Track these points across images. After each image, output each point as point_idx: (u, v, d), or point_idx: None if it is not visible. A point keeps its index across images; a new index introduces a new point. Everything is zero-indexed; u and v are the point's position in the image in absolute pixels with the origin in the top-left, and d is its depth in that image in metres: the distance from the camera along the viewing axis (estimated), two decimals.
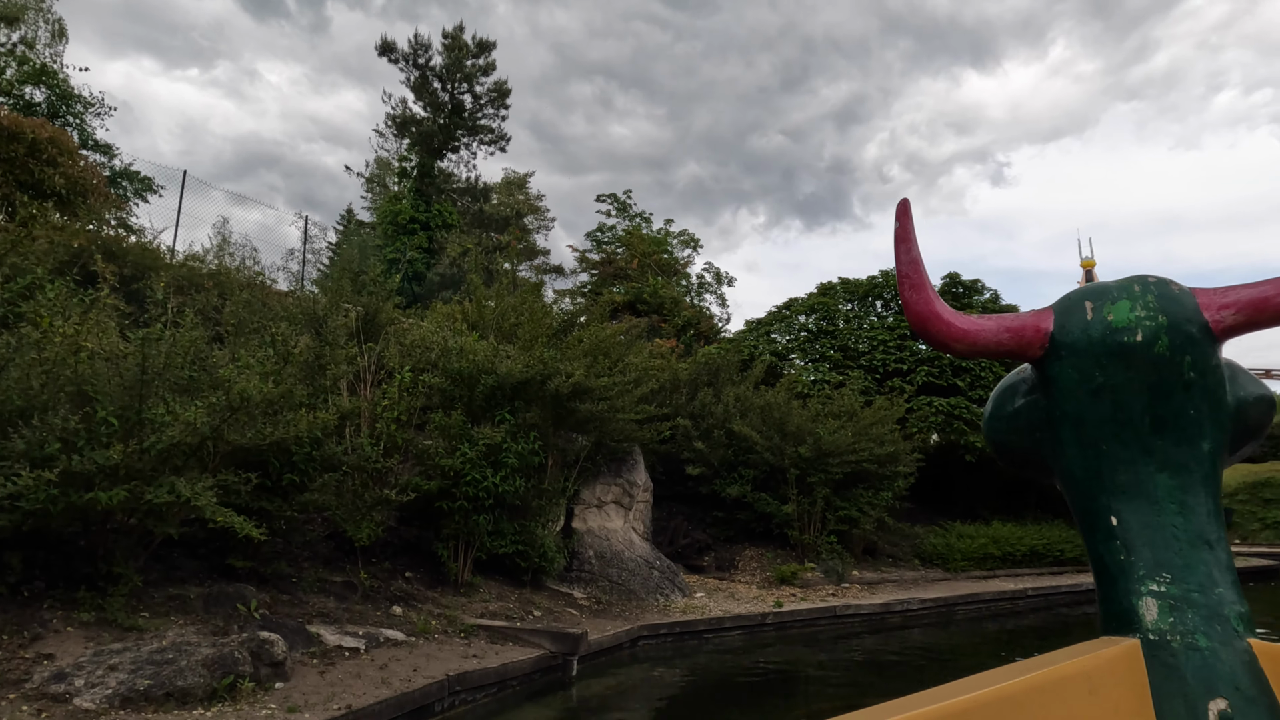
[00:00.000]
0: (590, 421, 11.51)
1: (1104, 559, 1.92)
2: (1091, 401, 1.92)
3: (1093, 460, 1.95)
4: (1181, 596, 1.78)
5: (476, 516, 10.26)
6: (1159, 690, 1.68)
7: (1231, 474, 44.59)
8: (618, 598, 12.24)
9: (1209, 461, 1.90)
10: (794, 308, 23.43)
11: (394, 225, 31.38)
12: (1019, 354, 2.03)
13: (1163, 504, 1.86)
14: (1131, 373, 1.87)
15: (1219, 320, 1.88)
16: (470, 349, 10.76)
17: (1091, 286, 2.03)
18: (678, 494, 18.14)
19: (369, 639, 7.98)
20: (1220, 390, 1.92)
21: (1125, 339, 1.87)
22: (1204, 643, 1.73)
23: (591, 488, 12.89)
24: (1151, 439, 1.88)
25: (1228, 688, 1.66)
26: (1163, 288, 1.91)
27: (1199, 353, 1.87)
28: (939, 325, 2.04)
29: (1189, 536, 1.83)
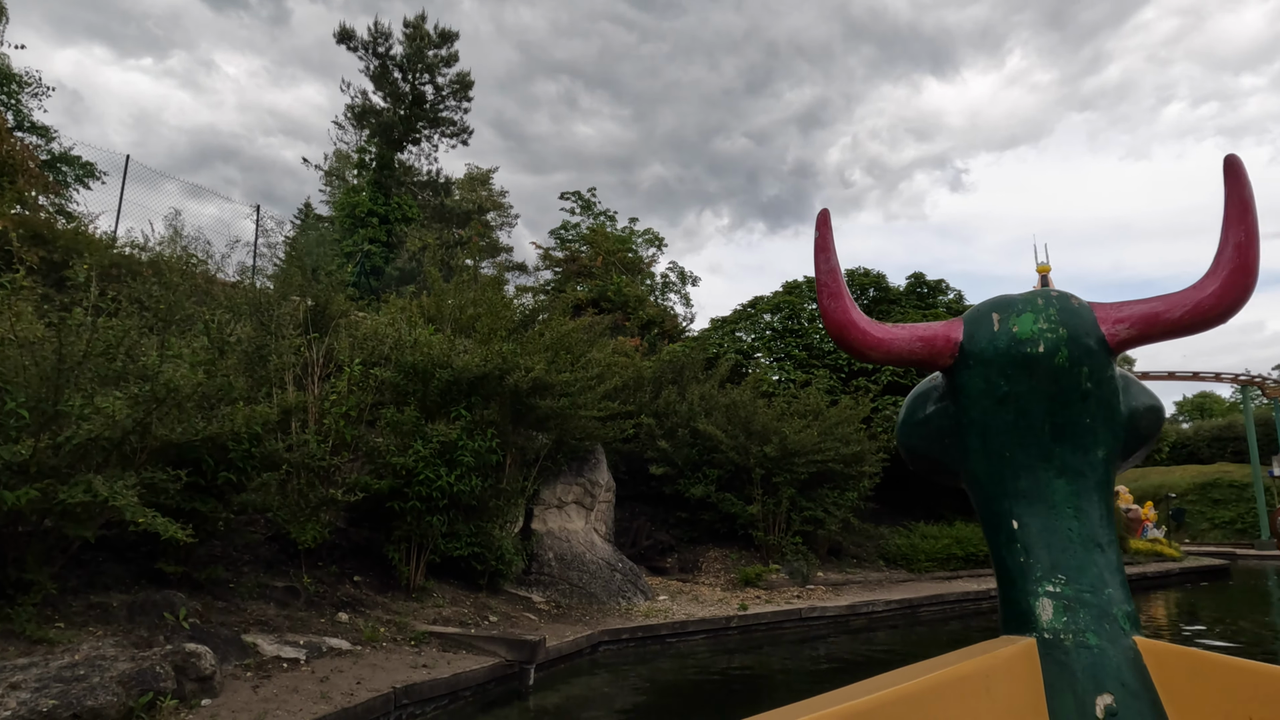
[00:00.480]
0: (551, 419, 11.08)
1: (1005, 561, 1.96)
2: (996, 409, 1.98)
3: (996, 466, 2.00)
4: (1075, 597, 1.83)
5: (430, 517, 9.76)
6: (1052, 687, 1.73)
7: (1182, 475, 45.60)
8: (578, 601, 11.82)
9: (1103, 468, 1.97)
10: (759, 306, 23.22)
11: (351, 218, 30.55)
12: (930, 362, 2.08)
13: (1060, 508, 1.92)
14: (1033, 382, 1.93)
15: (1114, 334, 1.95)
16: (425, 342, 10.26)
17: (999, 299, 2.07)
18: (641, 494, 17.78)
19: (311, 649, 7.46)
20: (1115, 400, 1.99)
21: (1028, 350, 1.93)
22: (1094, 641, 1.78)
23: (552, 488, 12.45)
24: (1051, 446, 1.95)
25: (1114, 683, 1.71)
26: (1064, 301, 1.98)
27: (1096, 364, 1.93)
28: (855, 333, 2.07)
29: (1083, 539, 1.90)
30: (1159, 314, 1.93)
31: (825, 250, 2.14)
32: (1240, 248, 1.86)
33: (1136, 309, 1.97)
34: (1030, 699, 1.71)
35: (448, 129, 32.74)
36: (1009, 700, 1.65)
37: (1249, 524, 41.34)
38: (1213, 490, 43.82)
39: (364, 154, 31.73)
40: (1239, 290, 1.86)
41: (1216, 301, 1.87)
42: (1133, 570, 22.93)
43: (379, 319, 11.32)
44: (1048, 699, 1.73)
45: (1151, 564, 24.99)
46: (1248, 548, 37.85)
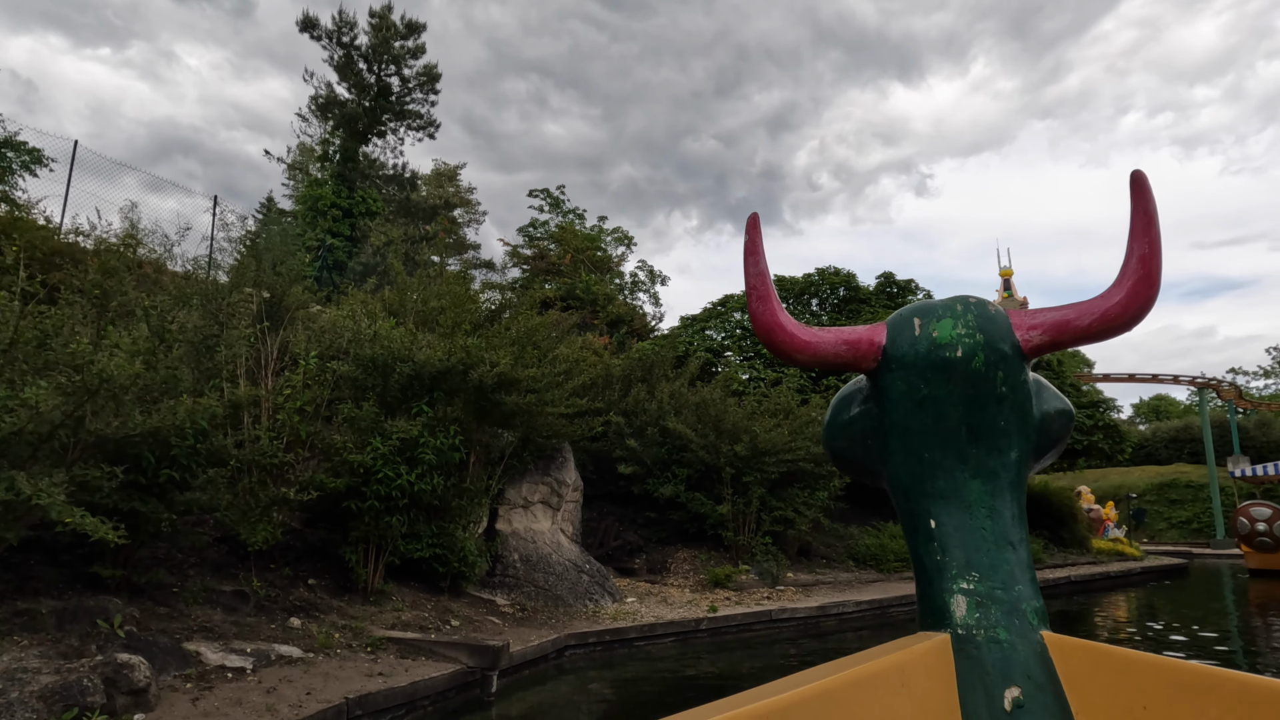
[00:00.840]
0: (517, 415, 10.72)
1: (923, 559, 2.00)
2: (916, 411, 2.02)
3: (916, 467, 2.05)
4: (987, 594, 1.88)
5: (389, 518, 9.36)
6: (964, 681, 1.77)
7: (1141, 475, 46.43)
8: (544, 604, 11.48)
9: (1016, 469, 2.03)
10: (730, 304, 23.03)
11: (314, 211, 29.81)
12: (855, 365, 2.11)
13: (974, 508, 1.96)
14: (951, 386, 1.98)
15: (1028, 340, 2.00)
16: (385, 335, 9.85)
17: (921, 304, 2.12)
18: (609, 494, 17.47)
19: (258, 657, 7.04)
20: (1028, 404, 2.04)
21: (947, 354, 1.97)
22: (1004, 636, 1.82)
23: (517, 487, 12.09)
24: (967, 448, 1.99)
25: (1021, 677, 1.76)
26: (981, 308, 2.03)
27: (1010, 369, 1.98)
28: (782, 336, 2.09)
29: (996, 538, 1.94)
30: (1069, 321, 2.00)
31: (754, 254, 2.16)
32: (1144, 259, 1.93)
33: (1049, 316, 2.03)
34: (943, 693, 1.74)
35: (414, 122, 32.10)
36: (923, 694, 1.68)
37: (1205, 523, 42.18)
38: (1170, 491, 44.65)
39: (327, 146, 30.96)
40: (1143, 300, 1.92)
41: (1122, 310, 1.94)
42: (1096, 569, 23.17)
43: (338, 312, 10.87)
44: (960, 693, 1.77)
45: (1114, 563, 25.28)
46: (1204, 547, 38.60)
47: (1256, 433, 48.59)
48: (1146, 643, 12.40)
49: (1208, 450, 41.22)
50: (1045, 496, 27.74)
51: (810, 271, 22.64)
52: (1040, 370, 24.38)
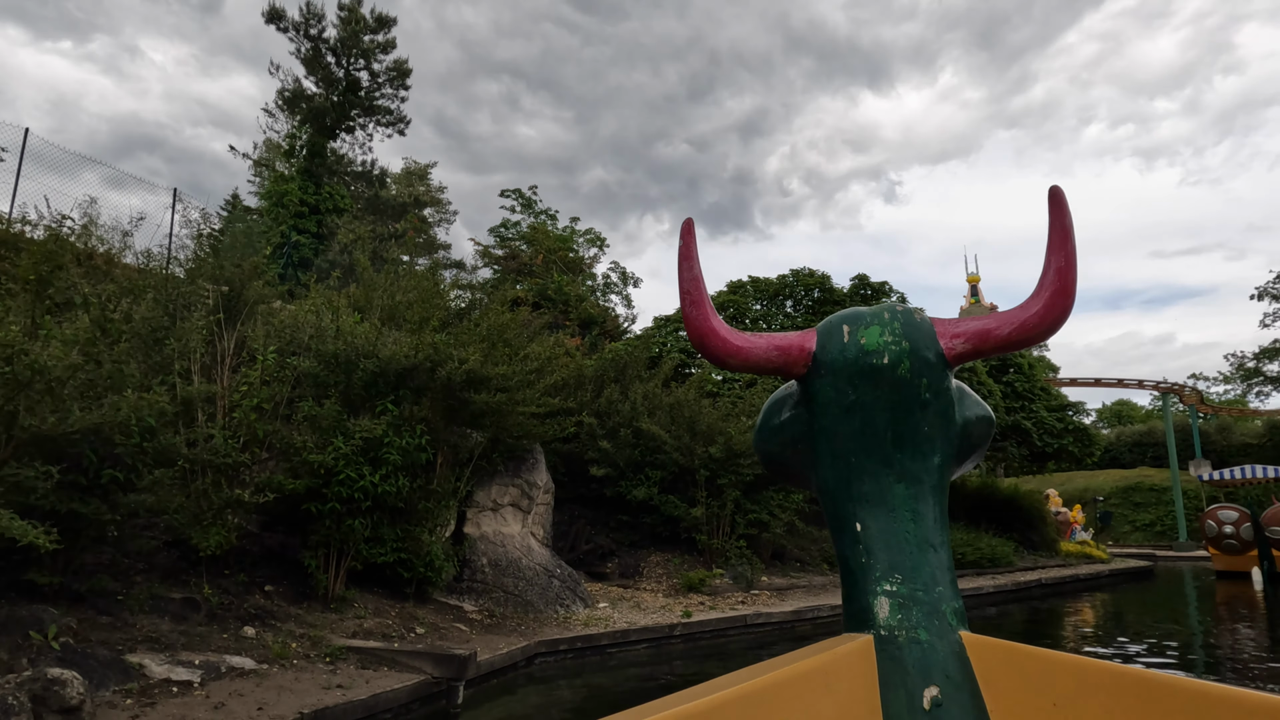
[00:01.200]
0: (486, 415, 10.36)
1: (849, 562, 2.02)
2: (844, 417, 2.04)
3: (843, 471, 2.07)
4: (909, 595, 1.90)
5: (351, 520, 8.95)
6: (886, 681, 1.79)
7: (1105, 479, 47.07)
8: (513, 610, 11.11)
9: (938, 473, 2.06)
10: None
11: (279, 207, 29.12)
12: (786, 371, 2.12)
13: (898, 511, 1.99)
14: (878, 392, 2.00)
15: (951, 348, 2.03)
16: (348, 330, 9.45)
17: (850, 312, 2.13)
18: (580, 496, 17.13)
19: (207, 669, 6.62)
20: (951, 410, 2.07)
21: (874, 361, 2.00)
22: (924, 636, 1.85)
23: (487, 489, 11.71)
24: (892, 452, 2.02)
25: (940, 676, 1.78)
26: (908, 316, 2.06)
27: (935, 376, 2.01)
28: (715, 341, 2.10)
29: (918, 541, 1.97)
30: (990, 330, 2.03)
31: (689, 259, 2.16)
32: (1061, 272, 1.97)
33: (971, 325, 2.07)
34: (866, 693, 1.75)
35: (383, 118, 31.51)
36: (847, 695, 1.69)
37: (1168, 526, 42.78)
38: (1134, 494, 45.26)
39: (294, 140, 30.26)
40: (1059, 311, 1.96)
41: (1039, 320, 1.98)
42: (1066, 572, 23.28)
43: (300, 306, 10.43)
44: (882, 693, 1.78)
45: (1082, 566, 25.44)
46: (1166, 549, 39.16)
47: (1217, 437, 49.53)
48: (1118, 647, 12.36)
49: (1171, 454, 41.85)
50: (1015, 499, 27.88)
51: (785, 273, 22.50)
52: (1011, 375, 24.50)
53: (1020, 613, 17.20)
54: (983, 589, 18.61)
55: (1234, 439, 49.94)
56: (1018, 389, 23.84)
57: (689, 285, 2.16)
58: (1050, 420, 24.37)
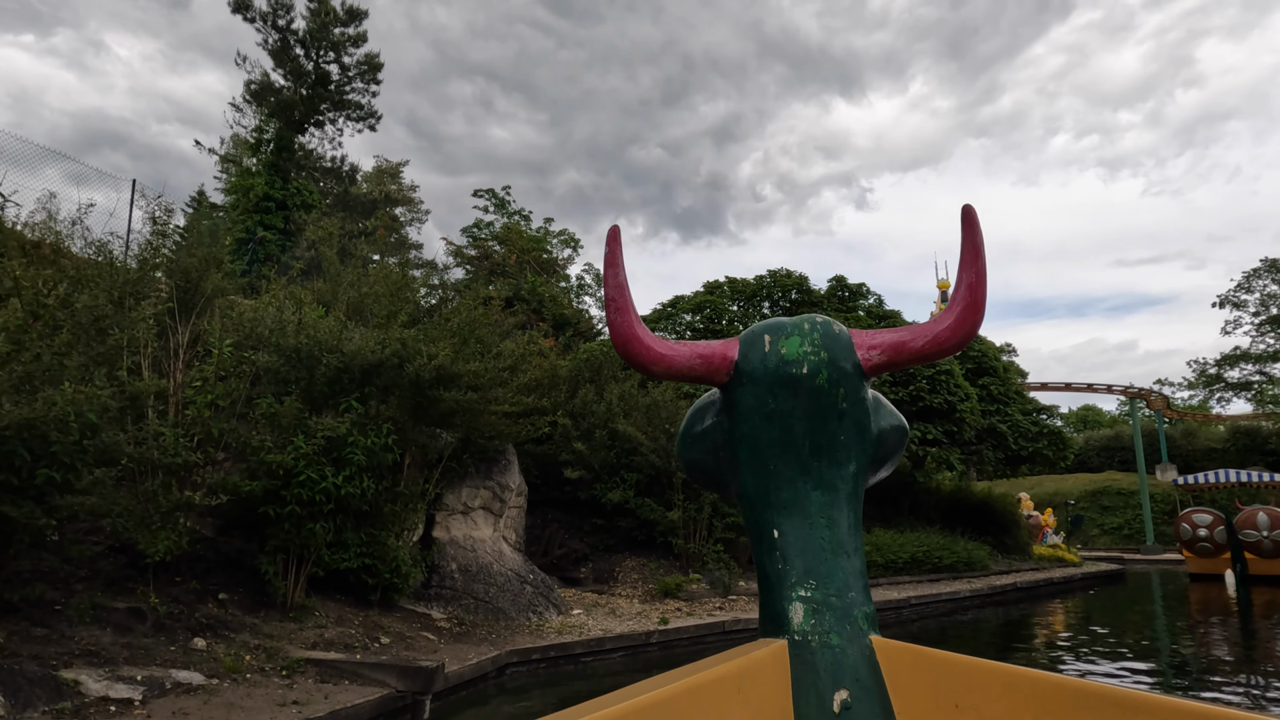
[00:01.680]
0: (457, 414, 9.91)
1: (766, 568, 2.04)
2: (764, 425, 2.07)
3: (761, 478, 2.09)
4: (823, 600, 1.93)
5: (312, 524, 8.47)
6: (799, 685, 1.82)
7: (1074, 483, 47.56)
8: (484, 618, 10.66)
9: (854, 481, 2.10)
10: (680, 305, 22.50)
11: (245, 202, 28.35)
12: (708, 379, 2.13)
13: (814, 518, 2.03)
14: (797, 401, 2.04)
15: (868, 359, 2.08)
16: (311, 323, 8.97)
17: (772, 322, 2.15)
18: (554, 499, 16.72)
19: (150, 685, 6.12)
20: (866, 420, 2.11)
21: (794, 371, 2.04)
22: (836, 641, 1.88)
23: (457, 491, 11.26)
24: (810, 460, 2.06)
25: (850, 679, 1.83)
26: (827, 328, 2.09)
27: (851, 386, 2.06)
28: (639, 348, 2.09)
29: (833, 547, 2.01)
30: (905, 342, 2.08)
31: (614, 266, 2.14)
32: (972, 288, 2.01)
33: (887, 337, 2.10)
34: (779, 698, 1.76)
35: (354, 113, 30.85)
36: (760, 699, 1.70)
37: (1135, 530, 43.30)
38: (1102, 497, 45.77)
39: (261, 134, 29.49)
40: (970, 325, 2.01)
41: (951, 334, 2.03)
42: (1040, 576, 23.26)
43: (260, 300, 9.91)
44: (794, 696, 1.79)
45: (1056, 569, 25.48)
46: (1134, 552, 39.58)
47: (1183, 441, 50.30)
48: (1095, 653, 12.21)
49: (1139, 458, 42.38)
50: (989, 503, 27.89)
51: (763, 274, 22.27)
52: (987, 379, 24.47)
53: (995, 617, 17.07)
54: (959, 593, 18.47)
55: (1199, 443, 50.74)
56: (993, 392, 23.81)
57: (614, 292, 2.15)
58: (1025, 424, 24.36)
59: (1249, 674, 10.42)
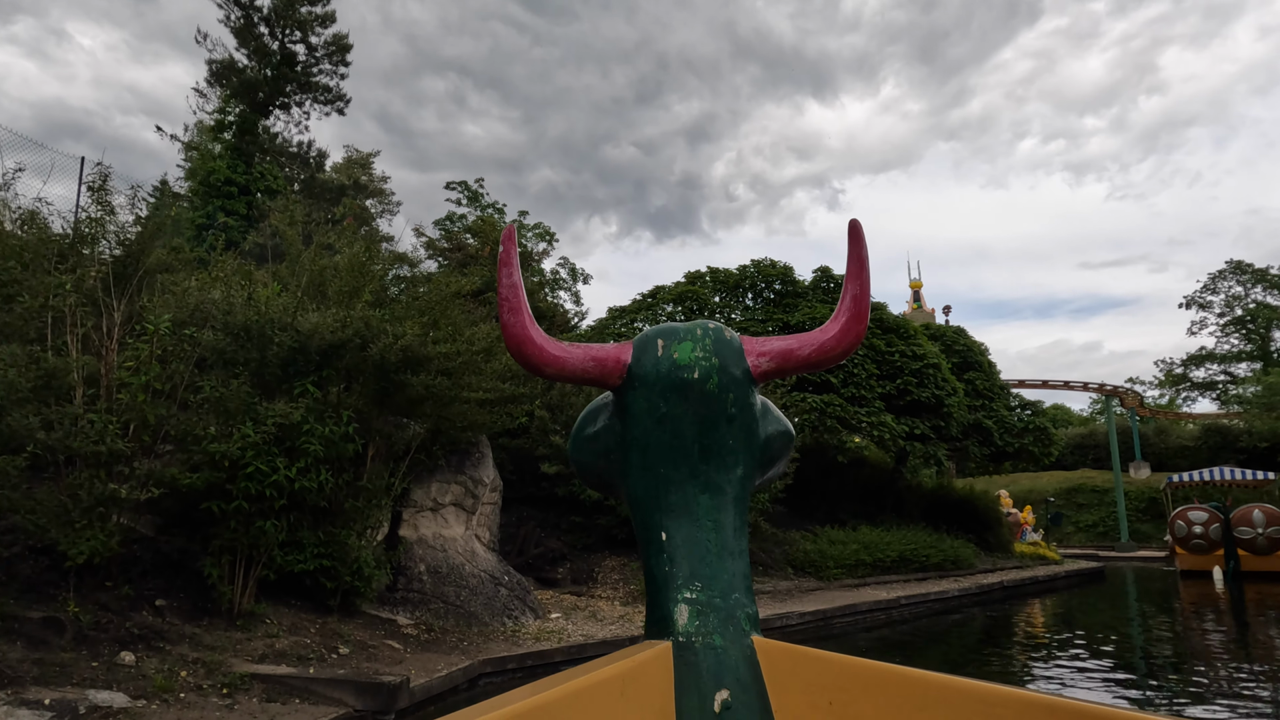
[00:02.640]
0: (425, 401, 9.06)
1: (653, 571, 2.06)
2: (655, 428, 2.09)
3: (651, 482, 2.11)
4: (707, 602, 1.95)
5: (262, 522, 7.58)
6: (681, 686, 1.84)
7: (1049, 480, 47.59)
8: (455, 623, 9.82)
9: (741, 485, 2.12)
10: (660, 296, 21.73)
11: (206, 186, 27.10)
12: (601, 382, 2.14)
13: (701, 521, 2.05)
14: (688, 405, 2.06)
15: (757, 365, 2.10)
16: (263, 299, 8.07)
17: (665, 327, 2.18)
18: (530, 496, 15.90)
19: (61, 710, 5.23)
20: (754, 425, 2.14)
21: (685, 375, 2.05)
22: (719, 642, 1.90)
23: (426, 487, 10.39)
24: (699, 464, 2.08)
25: (731, 679, 1.85)
26: (719, 334, 2.12)
27: (741, 392, 2.08)
28: (532, 349, 2.09)
29: (719, 549, 2.03)
30: (793, 350, 2.12)
31: (509, 265, 2.10)
32: (856, 299, 2.08)
33: (776, 345, 2.14)
34: (661, 699, 1.80)
35: (321, 95, 29.68)
36: (642, 701, 1.71)
37: (1110, 527, 43.38)
38: (1077, 495, 45.81)
39: (223, 115, 28.22)
40: (854, 334, 2.08)
41: (836, 343, 2.09)
42: (1024, 574, 22.87)
43: (207, 274, 8.97)
44: (676, 697, 1.82)
45: (1039, 568, 25.14)
46: (1109, 550, 39.61)
47: (1155, 439, 50.60)
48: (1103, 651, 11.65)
49: (1114, 455, 42.41)
50: (971, 501, 27.51)
51: (746, 263, 21.58)
52: (973, 373, 24.02)
53: (983, 617, 16.55)
54: (948, 593, 17.93)
55: (1171, 441, 51.06)
56: (979, 387, 23.35)
57: (508, 292, 2.10)
58: (1011, 419, 23.95)
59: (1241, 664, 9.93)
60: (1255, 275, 70.00)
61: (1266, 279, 69.51)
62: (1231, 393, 67.46)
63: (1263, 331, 68.63)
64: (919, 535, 20.06)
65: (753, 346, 2.13)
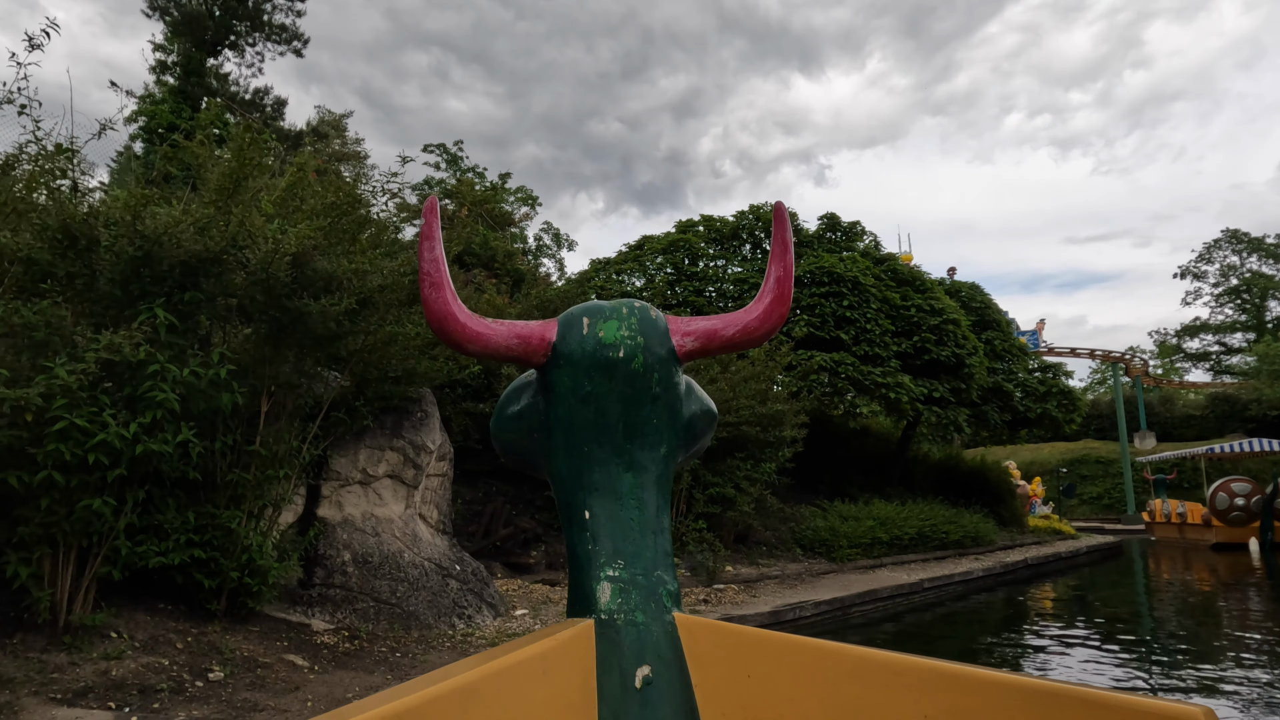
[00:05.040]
0: (335, 340, 6.84)
1: (576, 550, 2.06)
2: (579, 407, 2.07)
3: (575, 460, 2.10)
4: (630, 580, 1.95)
5: (91, 500, 5.38)
6: (603, 663, 1.83)
7: (1051, 451, 45.87)
8: (388, 627, 7.70)
9: (664, 464, 2.14)
10: (649, 246, 19.50)
11: (148, 134, 24.57)
12: (525, 359, 2.13)
13: (625, 500, 2.05)
14: (613, 384, 2.04)
15: (682, 345, 2.12)
16: (102, 196, 5.80)
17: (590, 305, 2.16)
18: (499, 468, 13.77)
19: None
20: (678, 404, 2.16)
21: (610, 354, 2.04)
22: (641, 619, 1.90)
23: (352, 455, 8.20)
24: (623, 443, 2.07)
25: (652, 656, 1.85)
26: (644, 313, 2.10)
27: (665, 371, 2.08)
28: (454, 325, 2.04)
29: (641, 527, 2.02)
30: (717, 330, 2.14)
31: (430, 239, 2.05)
32: (780, 281, 2.13)
33: (700, 325, 2.15)
34: (582, 677, 1.78)
35: (276, 34, 27.08)
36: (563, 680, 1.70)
37: (1115, 499, 41.82)
38: (1081, 466, 44.15)
39: (166, 54, 25.59)
40: (777, 316, 2.13)
41: (760, 324, 2.13)
42: (1046, 550, 21.06)
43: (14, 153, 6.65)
44: (598, 675, 1.81)
45: (1058, 543, 23.35)
46: (1115, 522, 38.04)
47: (1161, 408, 48.94)
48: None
49: (1120, 425, 40.73)
50: (983, 472, 25.64)
51: (744, 209, 19.35)
52: (991, 332, 21.96)
53: (1010, 599, 14.61)
54: (972, 573, 15.98)
55: (1177, 410, 49.42)
56: (997, 348, 21.32)
57: (429, 266, 2.00)
58: (1033, 382, 21.96)
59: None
60: (1251, 244, 68.65)
61: (1263, 248, 68.18)
62: (1226, 363, 66.35)
63: (1258, 301, 67.33)
64: (936, 510, 18.10)
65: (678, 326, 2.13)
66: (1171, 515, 27.57)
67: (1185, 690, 7.81)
